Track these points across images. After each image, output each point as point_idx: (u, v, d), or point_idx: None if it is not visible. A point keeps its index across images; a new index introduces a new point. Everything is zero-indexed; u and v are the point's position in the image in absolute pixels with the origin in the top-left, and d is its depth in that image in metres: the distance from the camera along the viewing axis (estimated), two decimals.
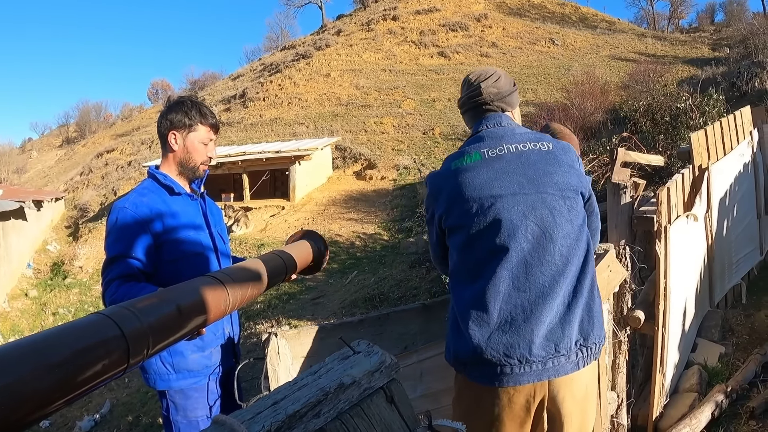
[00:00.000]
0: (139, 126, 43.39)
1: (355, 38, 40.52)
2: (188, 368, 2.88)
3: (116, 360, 1.30)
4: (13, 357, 1.08)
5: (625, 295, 3.74)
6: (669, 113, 12.59)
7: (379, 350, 1.49)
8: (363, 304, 10.65)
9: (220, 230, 3.25)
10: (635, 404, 4.19)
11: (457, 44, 36.90)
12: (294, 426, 1.21)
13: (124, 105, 66.22)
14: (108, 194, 26.53)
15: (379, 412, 1.40)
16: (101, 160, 35.10)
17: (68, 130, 63.71)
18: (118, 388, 9.98)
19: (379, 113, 28.51)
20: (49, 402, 1.11)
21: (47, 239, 22.23)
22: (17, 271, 18.62)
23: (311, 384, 1.36)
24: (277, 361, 2.58)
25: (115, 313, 1.37)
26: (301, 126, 28.82)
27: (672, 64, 25.85)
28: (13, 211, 17.92)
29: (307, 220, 18.43)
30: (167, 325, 1.56)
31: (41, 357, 1.11)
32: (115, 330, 1.32)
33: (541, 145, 2.44)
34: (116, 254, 2.73)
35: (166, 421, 2.99)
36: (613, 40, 34.72)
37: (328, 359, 1.51)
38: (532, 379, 2.22)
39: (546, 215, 2.30)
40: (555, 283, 2.25)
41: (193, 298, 1.77)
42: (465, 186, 2.40)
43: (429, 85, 31.57)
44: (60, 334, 1.23)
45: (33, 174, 46.31)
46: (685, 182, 4.55)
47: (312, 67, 36.92)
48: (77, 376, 1.17)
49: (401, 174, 21.31)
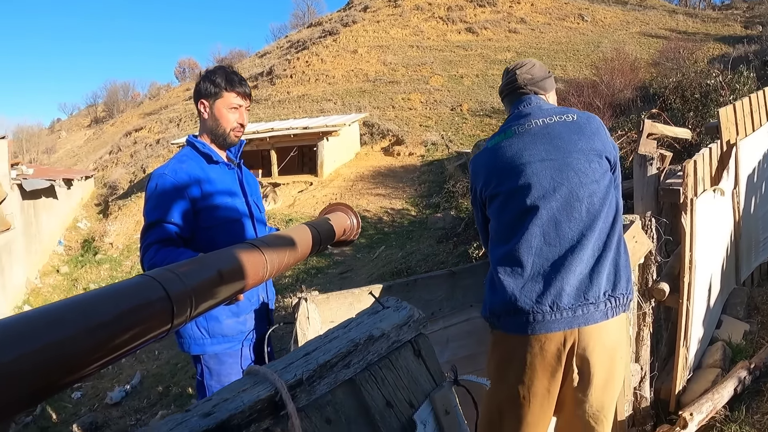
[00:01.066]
0: (167, 104, 43.55)
1: (382, 14, 40.22)
2: (223, 333, 2.95)
3: (161, 320, 1.36)
4: (63, 315, 1.12)
5: (650, 267, 3.77)
6: (699, 90, 12.41)
7: (408, 305, 1.55)
8: (390, 277, 10.67)
9: (256, 199, 3.31)
10: (658, 378, 4.22)
11: (485, 20, 36.53)
12: (325, 375, 1.26)
13: (152, 84, 66.45)
14: (137, 172, 26.72)
15: (407, 364, 1.46)
16: (130, 139, 35.31)
17: (96, 110, 64.12)
18: (148, 360, 10.14)
19: (406, 89, 28.41)
20: (96, 359, 1.15)
21: (77, 217, 22.47)
22: (48, 248, 18.86)
23: (342, 336, 1.42)
24: (306, 326, 2.65)
25: (160, 275, 1.43)
26: (328, 102, 28.80)
27: (703, 41, 25.48)
28: (44, 189, 18.11)
29: (335, 195, 18.49)
30: (209, 288, 1.62)
31: (90, 316, 1.16)
32: (160, 291, 1.37)
33: (566, 117, 2.62)
34: (155, 219, 2.79)
35: (200, 386, 3.05)
36: (644, 17, 34.20)
37: (358, 314, 1.57)
38: (563, 326, 2.36)
39: (572, 176, 2.48)
40: (583, 238, 2.42)
41: (233, 264, 1.83)
42: (499, 159, 2.67)
43: (457, 61, 31.36)
44: (108, 294, 1.29)
45: (62, 154, 46.71)
46: (712, 157, 4.54)
47: (339, 43, 36.72)
48: (123, 335, 1.23)
49: (429, 150, 21.27)
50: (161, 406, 7.98)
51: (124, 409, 8.43)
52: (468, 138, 21.49)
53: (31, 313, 1.09)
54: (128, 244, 19.00)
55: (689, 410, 3.77)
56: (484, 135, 20.63)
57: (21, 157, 32.84)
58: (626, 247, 2.57)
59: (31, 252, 17.20)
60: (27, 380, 0.98)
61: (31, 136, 52.64)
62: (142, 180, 25.14)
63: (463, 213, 13.40)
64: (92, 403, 8.89)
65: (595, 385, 2.45)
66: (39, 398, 1.05)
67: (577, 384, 2.46)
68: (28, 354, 0.98)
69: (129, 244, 18.92)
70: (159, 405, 8.09)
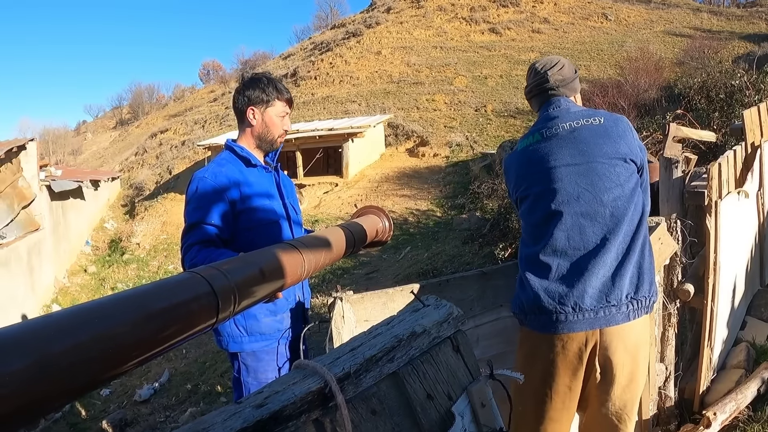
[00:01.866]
0: (192, 106, 43.83)
1: (405, 15, 40.20)
2: (261, 331, 3.03)
3: (207, 315, 1.42)
4: (114, 308, 1.17)
5: (675, 268, 3.82)
6: (724, 90, 12.35)
7: (447, 303, 1.63)
8: (416, 278, 10.69)
9: (293, 201, 3.41)
10: (683, 378, 4.25)
11: (509, 20, 36.44)
12: (371, 369, 1.34)
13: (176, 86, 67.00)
14: (163, 173, 26.96)
15: (446, 359, 1.54)
16: (155, 141, 35.58)
17: (122, 112, 64.75)
18: (176, 358, 10.23)
19: (430, 90, 28.40)
20: (144, 352, 1.19)
21: (104, 217, 22.71)
22: (76, 248, 19.09)
23: (385, 333, 1.50)
24: (341, 324, 2.74)
25: (205, 272, 1.49)
26: (353, 104, 28.84)
27: (728, 39, 25.29)
28: (71, 190, 18.28)
29: (360, 196, 18.56)
30: (251, 285, 1.68)
31: (139, 309, 1.21)
32: (206, 286, 1.43)
33: (592, 120, 2.65)
34: (195, 221, 2.89)
35: (236, 383, 3.14)
36: (668, 15, 33.95)
37: (399, 312, 1.66)
38: (585, 327, 2.43)
39: (596, 181, 2.54)
40: (607, 241, 2.47)
41: (274, 262, 1.90)
42: (527, 162, 2.74)
43: (480, 61, 31.29)
44: (156, 289, 1.35)
45: (88, 155, 47.16)
46: (737, 159, 4.56)
47: (362, 45, 36.76)
48: (171, 328, 1.28)
49: (454, 151, 21.30)
50: (190, 404, 8.06)
51: (153, 406, 8.51)
52: (492, 139, 21.46)
53: (83, 306, 1.14)
54: (155, 244, 19.19)
55: (713, 410, 3.80)
56: (508, 136, 20.62)
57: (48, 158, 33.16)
58: (651, 250, 2.60)
59: (60, 252, 17.38)
60: (78, 371, 1.01)
61: (58, 138, 53.18)
62: (168, 181, 25.37)
63: (489, 214, 13.42)
64: (121, 400, 9.00)
65: (618, 384, 2.52)
66: (87, 389, 1.08)
67: (600, 383, 2.53)
68: (79, 345, 1.02)
69: (155, 245, 19.12)
70: (188, 402, 8.17)
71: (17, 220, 14.46)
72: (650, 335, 2.96)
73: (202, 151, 25.01)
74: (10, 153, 14.34)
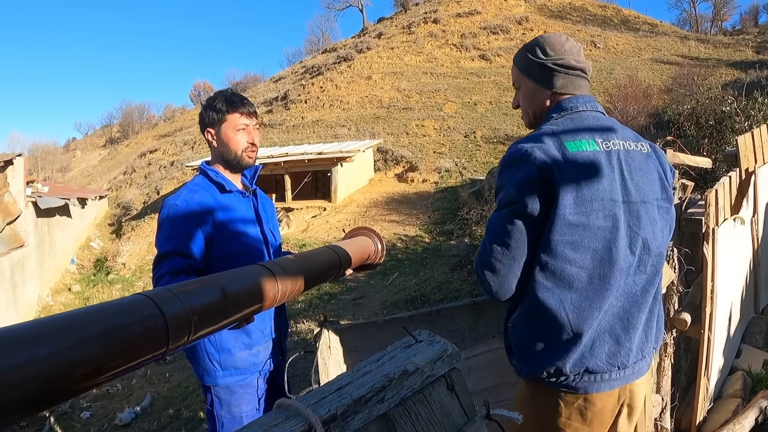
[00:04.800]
0: (182, 127, 43.86)
1: (396, 41, 40.55)
2: (235, 366, 2.91)
3: (154, 339, 1.32)
4: (50, 329, 1.11)
5: (672, 297, 3.75)
6: (714, 117, 12.41)
7: (441, 339, 1.53)
8: (404, 305, 10.66)
9: (272, 226, 3.26)
10: (679, 408, 4.18)
11: (498, 47, 36.78)
12: (359, 410, 1.25)
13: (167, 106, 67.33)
14: (151, 193, 26.93)
15: (440, 399, 1.45)
16: (144, 160, 35.59)
17: (111, 131, 64.94)
18: (159, 382, 10.11)
19: (420, 116, 28.55)
20: (84, 377, 1.14)
21: (91, 236, 22.68)
22: (61, 266, 19.03)
23: (375, 371, 1.40)
24: (327, 355, 2.62)
25: (155, 294, 1.40)
26: (342, 128, 28.95)
27: (715, 67, 25.61)
28: (58, 207, 18.27)
29: (348, 221, 18.50)
30: (212, 309, 1.58)
31: (77, 330, 1.14)
32: (153, 309, 1.33)
33: (641, 147, 2.28)
34: (167, 251, 2.73)
35: (210, 415, 3.01)
36: (656, 43, 34.43)
37: (390, 348, 1.55)
38: (623, 382, 2.21)
39: (647, 226, 2.18)
40: (646, 293, 2.21)
41: (241, 284, 1.79)
42: (589, 178, 2.11)
43: (470, 88, 31.51)
44: (100, 309, 1.27)
45: (77, 173, 47.15)
46: (732, 185, 4.52)
47: (353, 69, 37.01)
48: (113, 351, 1.20)
49: (443, 177, 21.34)
50: (172, 430, 7.95)
51: (134, 431, 8.39)
52: (482, 165, 21.53)
53: (18, 327, 1.09)
54: (141, 264, 19.08)
55: None
56: (497, 162, 20.57)
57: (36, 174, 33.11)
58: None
59: (44, 269, 17.32)
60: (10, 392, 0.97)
61: (47, 154, 53.17)
62: (156, 201, 25.32)
63: (477, 240, 13.36)
64: (101, 424, 8.86)
65: (640, 429, 2.44)
66: (26, 411, 1.04)
67: (621, 429, 2.40)
68: (9, 368, 0.98)
69: (141, 265, 19.00)
70: (170, 428, 8.06)
71: (1, 235, 14.40)
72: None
73: (191, 171, 24.97)
74: None
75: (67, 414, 9.21)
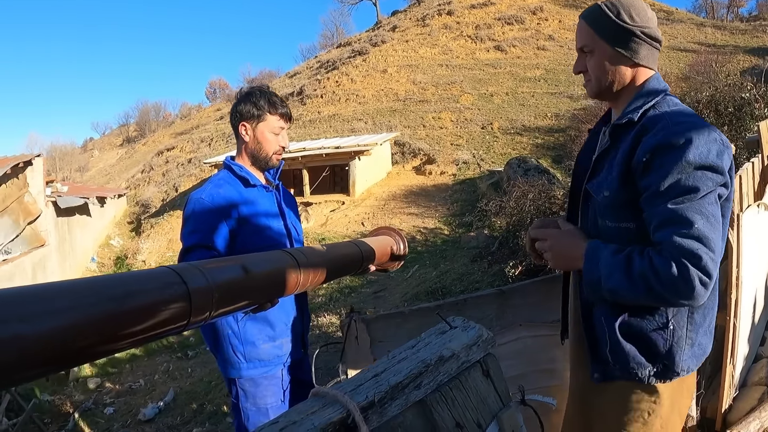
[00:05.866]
0: (198, 124, 43.95)
1: (411, 34, 40.40)
2: (260, 358, 2.92)
3: (176, 310, 1.32)
4: (77, 285, 1.14)
5: None
6: (733, 104, 12.31)
7: (476, 325, 1.53)
8: (425, 297, 10.65)
9: (294, 221, 3.25)
10: (704, 396, 4.16)
11: (513, 38, 36.59)
12: (396, 397, 1.24)
13: (183, 104, 67.30)
14: (169, 191, 27.00)
15: (476, 384, 1.45)
16: (161, 158, 35.69)
17: (128, 130, 65.12)
18: (181, 377, 10.14)
19: (437, 108, 28.45)
20: (105, 340, 1.14)
21: (110, 234, 22.81)
22: (81, 265, 19.11)
23: (410, 357, 1.40)
24: (355, 345, 2.63)
25: (181, 268, 1.41)
26: (359, 122, 28.90)
27: (733, 54, 25.38)
28: (77, 207, 18.37)
29: (367, 214, 18.51)
30: (234, 287, 1.58)
31: (100, 289, 1.16)
32: (177, 280, 1.35)
33: None
34: (192, 244, 2.72)
35: (235, 408, 3.02)
36: (672, 30, 34.09)
37: (425, 334, 1.55)
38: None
39: None
40: None
41: (264, 266, 1.80)
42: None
43: (486, 79, 31.37)
44: (124, 276, 1.29)
45: (95, 172, 47.35)
46: (755, 171, 4.49)
47: (368, 63, 36.91)
48: (133, 314, 1.21)
49: (461, 169, 21.25)
50: (195, 424, 7.97)
51: (158, 425, 8.41)
52: (499, 156, 21.43)
53: (38, 285, 1.09)
54: (161, 261, 19.14)
55: (736, 429, 3.72)
56: (515, 153, 20.58)
57: (54, 175, 33.33)
58: None
59: (65, 268, 17.37)
60: (34, 346, 0.97)
61: (65, 154, 53.42)
62: (175, 199, 25.39)
63: (497, 232, 13.34)
64: (125, 419, 8.90)
65: None
66: (49, 368, 1.04)
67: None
68: (28, 315, 0.99)
69: (161, 262, 19.06)
70: (193, 423, 8.08)
71: (23, 235, 14.48)
72: None
73: (208, 168, 25.07)
74: (16, 168, 14.39)
75: (91, 410, 9.28)
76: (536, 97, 27.74)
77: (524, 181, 13.34)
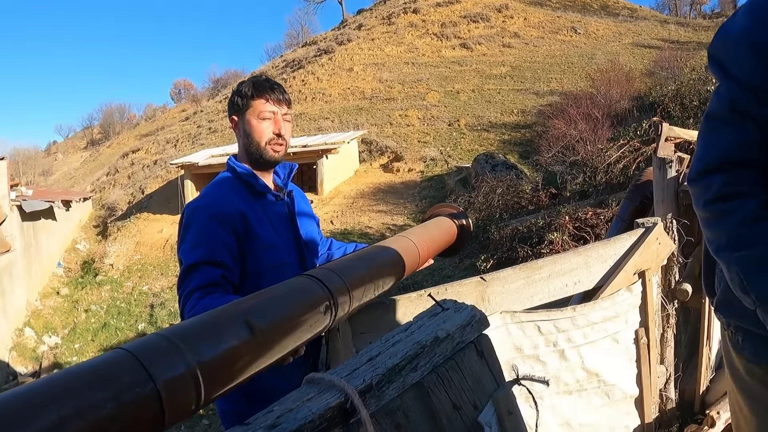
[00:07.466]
0: (163, 125, 43.70)
1: (377, 32, 40.50)
2: (264, 390, 2.24)
3: (145, 419, 0.98)
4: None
5: (673, 269, 3.76)
6: (698, 97, 12.60)
7: (469, 305, 1.51)
8: (397, 292, 10.53)
9: (309, 230, 2.80)
10: (682, 379, 4.20)
11: (479, 35, 36.88)
12: (394, 379, 1.23)
13: (147, 106, 67.15)
14: (135, 193, 26.74)
15: (471, 365, 1.43)
16: (127, 160, 35.36)
17: (92, 132, 64.63)
18: None
19: (403, 106, 28.52)
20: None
21: (76, 238, 22.51)
22: (48, 270, 18.82)
23: (405, 340, 1.39)
24: (336, 338, 2.58)
25: (142, 348, 1.03)
26: (326, 120, 28.86)
27: (696, 50, 25.69)
28: (43, 211, 18.07)
29: (335, 213, 18.48)
30: (237, 358, 1.22)
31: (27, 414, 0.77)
32: (140, 376, 0.97)
33: None
34: (196, 260, 2.22)
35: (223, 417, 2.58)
36: (636, 28, 34.65)
37: (417, 317, 1.53)
38: None
39: None
40: None
41: (280, 311, 1.44)
42: None
43: (452, 77, 31.54)
44: (58, 385, 0.88)
45: (59, 176, 46.88)
46: None
47: (334, 62, 36.94)
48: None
49: (428, 166, 21.36)
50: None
51: None
52: (467, 153, 21.55)
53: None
54: (128, 265, 18.97)
55: (715, 409, 3.79)
56: (482, 149, 20.70)
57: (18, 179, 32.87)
58: None
59: (32, 274, 17.12)
60: None
61: (28, 158, 53.00)
62: (141, 201, 25.17)
63: None
64: None
65: None
66: None
67: None
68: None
69: (129, 266, 18.90)
70: None
71: None
72: (651, 345, 2.84)
73: (174, 170, 24.81)
74: None
75: None
76: (502, 94, 27.93)
77: (492, 177, 13.45)
